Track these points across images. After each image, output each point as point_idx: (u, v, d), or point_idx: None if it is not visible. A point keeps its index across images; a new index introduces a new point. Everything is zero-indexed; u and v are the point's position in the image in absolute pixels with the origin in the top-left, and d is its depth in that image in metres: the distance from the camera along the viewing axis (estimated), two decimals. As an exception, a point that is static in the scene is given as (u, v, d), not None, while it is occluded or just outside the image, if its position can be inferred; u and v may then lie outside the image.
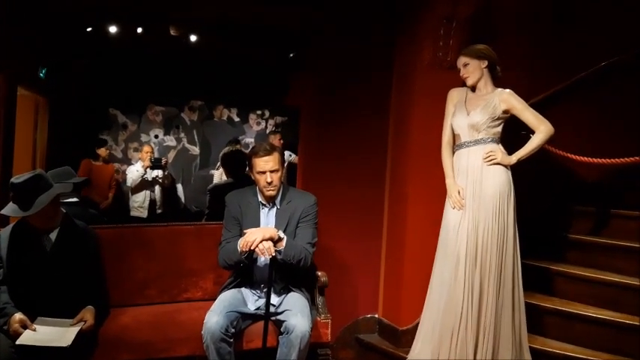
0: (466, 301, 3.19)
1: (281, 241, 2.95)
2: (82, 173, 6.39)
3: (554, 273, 3.69)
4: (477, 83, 3.35)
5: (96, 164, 6.81)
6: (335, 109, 3.96)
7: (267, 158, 3.05)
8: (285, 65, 6.67)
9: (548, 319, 3.47)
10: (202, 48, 6.72)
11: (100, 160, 6.88)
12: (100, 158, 6.89)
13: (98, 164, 6.84)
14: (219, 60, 7.48)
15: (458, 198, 3.28)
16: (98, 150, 6.87)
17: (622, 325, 3.21)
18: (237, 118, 8.70)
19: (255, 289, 3.18)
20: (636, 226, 3.73)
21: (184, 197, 8.38)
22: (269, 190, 3.09)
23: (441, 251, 3.35)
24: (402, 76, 3.91)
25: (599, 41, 4.06)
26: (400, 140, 3.91)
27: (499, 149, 3.29)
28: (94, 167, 6.78)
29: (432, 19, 3.67)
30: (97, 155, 6.88)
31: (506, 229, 3.23)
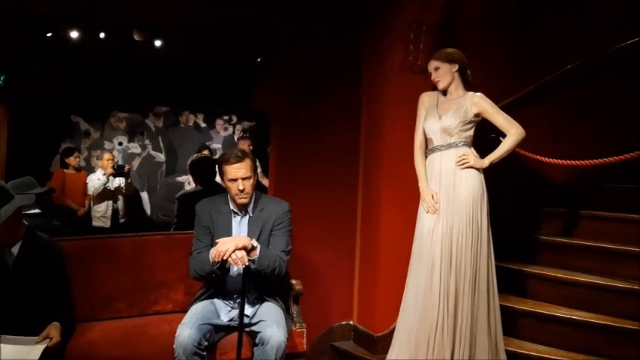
0: (442, 305, 3.18)
1: (254, 250, 2.88)
2: (55, 183, 6.30)
3: (527, 275, 3.71)
4: (448, 87, 3.35)
5: (68, 173, 6.67)
6: (305, 114, 3.91)
7: (239, 165, 2.98)
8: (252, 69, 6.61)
9: (523, 321, 3.49)
10: (167, 53, 6.61)
11: (70, 168, 6.72)
12: (70, 167, 6.73)
13: (70, 173, 6.69)
14: (184, 65, 7.36)
15: (432, 202, 3.27)
16: (67, 159, 6.71)
17: (594, 325, 3.24)
18: (204, 124, 8.58)
19: (228, 300, 3.10)
20: (604, 227, 3.79)
21: (150, 205, 8.22)
22: (241, 197, 3.02)
23: (416, 256, 3.34)
24: (373, 80, 3.89)
25: (565, 45, 4.13)
26: (372, 144, 3.89)
27: (471, 153, 3.30)
28: (67, 176, 6.64)
29: (402, 23, 3.66)
30: (67, 164, 6.73)
31: (480, 232, 3.24)
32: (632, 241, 3.51)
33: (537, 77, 4.13)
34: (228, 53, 6.63)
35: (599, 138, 4.10)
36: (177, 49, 6.59)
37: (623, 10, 4.13)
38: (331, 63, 3.92)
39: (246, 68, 6.90)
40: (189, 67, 7.47)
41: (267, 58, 5.28)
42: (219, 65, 7.36)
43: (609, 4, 4.16)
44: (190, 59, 7.21)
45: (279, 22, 4.01)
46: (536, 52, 4.15)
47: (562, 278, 3.56)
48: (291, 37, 3.92)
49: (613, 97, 4.18)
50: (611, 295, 3.32)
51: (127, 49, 6.54)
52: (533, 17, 4.16)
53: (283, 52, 3.97)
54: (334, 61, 3.92)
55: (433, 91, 3.45)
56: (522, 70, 4.13)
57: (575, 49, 4.16)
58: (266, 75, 4.93)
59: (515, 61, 4.13)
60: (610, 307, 3.29)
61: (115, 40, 6.14)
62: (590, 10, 4.14)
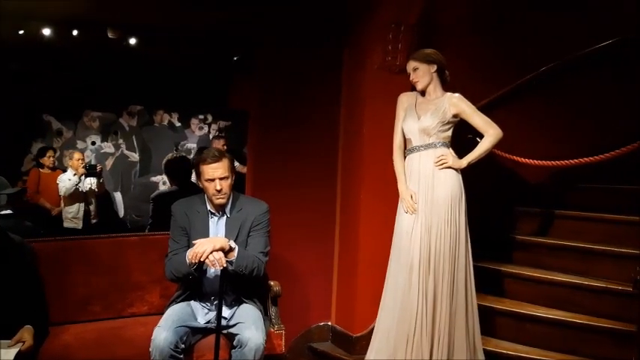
0: (421, 305, 3.18)
1: (232, 252, 2.84)
2: (30, 182, 6.24)
3: (504, 274, 3.74)
4: (427, 88, 3.36)
5: (43, 172, 6.57)
6: (284, 113, 3.88)
7: (216, 165, 2.93)
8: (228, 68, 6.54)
9: (500, 320, 3.51)
10: (142, 51, 6.50)
11: (45, 168, 6.59)
12: (44, 167, 6.60)
13: (46, 172, 6.58)
14: (159, 63, 7.26)
15: (410, 202, 3.27)
16: (41, 159, 6.58)
17: (571, 324, 3.28)
18: (179, 123, 8.48)
19: (205, 302, 3.05)
20: (579, 226, 3.84)
21: (124, 206, 8.09)
22: (218, 198, 2.97)
23: (395, 256, 3.34)
24: (352, 79, 3.88)
25: (543, 45, 4.17)
26: (351, 144, 3.88)
27: (450, 153, 3.31)
28: (42, 175, 6.53)
29: (381, 23, 3.65)
30: (42, 164, 6.60)
31: (458, 233, 3.25)
32: (608, 240, 3.57)
33: (516, 77, 4.16)
34: (204, 52, 6.55)
35: (574, 138, 4.14)
36: (152, 47, 6.49)
37: (598, 11, 4.18)
38: (311, 62, 3.89)
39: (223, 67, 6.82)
40: (164, 66, 7.37)
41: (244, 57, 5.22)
42: (194, 64, 7.28)
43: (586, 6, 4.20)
44: (165, 58, 7.11)
45: (256, 21, 3.97)
46: (515, 53, 4.18)
47: (539, 277, 3.59)
48: (271, 36, 3.89)
49: (587, 98, 4.23)
50: (587, 294, 3.36)
51: (100, 47, 6.42)
52: (512, 18, 4.18)
53: (263, 50, 3.93)
54: (314, 61, 3.90)
55: (412, 92, 3.45)
56: (501, 70, 4.15)
57: (553, 50, 4.19)
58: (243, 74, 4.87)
59: (494, 61, 4.15)
60: (586, 306, 3.33)
61: (88, 38, 6.01)
62: (566, 12, 4.18)
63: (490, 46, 4.14)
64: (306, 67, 3.89)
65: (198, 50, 6.52)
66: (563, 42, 4.20)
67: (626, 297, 3.09)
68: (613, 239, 3.56)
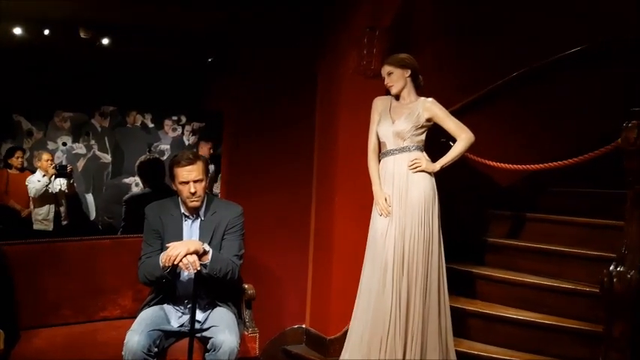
0: (394, 307, 3.21)
1: (206, 255, 2.82)
2: None
3: (477, 276, 3.78)
4: (401, 92, 3.39)
5: (12, 173, 6.47)
6: (260, 116, 3.88)
7: (191, 168, 2.92)
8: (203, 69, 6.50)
9: (472, 321, 3.54)
10: (115, 51, 6.42)
11: (13, 168, 6.47)
12: (13, 167, 6.48)
13: (14, 173, 6.48)
14: (133, 63, 7.18)
15: (385, 205, 3.29)
16: (9, 160, 6.46)
17: (541, 325, 3.32)
18: (152, 124, 8.39)
19: (179, 305, 3.03)
20: (550, 229, 3.90)
21: (95, 207, 7.97)
22: (193, 201, 2.95)
23: (369, 258, 3.36)
24: (328, 83, 3.90)
25: (515, 51, 4.22)
26: (326, 148, 3.89)
27: (423, 157, 3.35)
28: (11, 176, 6.44)
29: (356, 27, 3.68)
30: (10, 164, 6.48)
31: (431, 235, 3.28)
32: (577, 243, 3.63)
33: (489, 82, 4.21)
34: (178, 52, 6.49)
35: (546, 143, 4.21)
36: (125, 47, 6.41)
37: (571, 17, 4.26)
38: (286, 66, 3.90)
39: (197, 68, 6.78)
40: (137, 66, 7.29)
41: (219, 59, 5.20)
42: (168, 64, 7.21)
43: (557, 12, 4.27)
44: (139, 58, 7.04)
45: (231, 23, 3.96)
46: (489, 57, 4.22)
47: (510, 279, 3.63)
48: (244, 39, 3.88)
49: (559, 103, 4.29)
50: (557, 296, 3.41)
51: (72, 46, 6.32)
52: (486, 22, 4.23)
53: (238, 52, 3.93)
54: (289, 64, 3.91)
55: (386, 96, 3.48)
56: (476, 74, 4.20)
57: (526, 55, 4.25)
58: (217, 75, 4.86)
59: (469, 65, 4.19)
60: (556, 307, 3.38)
61: (60, 38, 5.92)
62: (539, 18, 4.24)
63: (464, 50, 4.17)
64: (282, 70, 3.90)
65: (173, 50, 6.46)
66: (537, 47, 4.26)
67: (594, 298, 3.13)
68: (583, 242, 3.62)
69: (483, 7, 4.23)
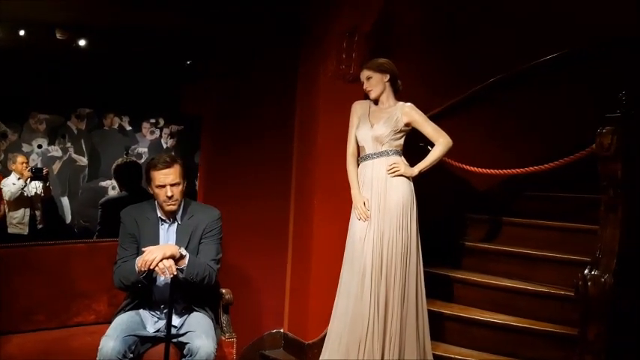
0: (372, 311, 3.22)
1: (183, 259, 2.80)
2: None
3: (453, 280, 3.80)
4: (380, 96, 3.41)
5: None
6: (238, 120, 3.86)
7: (167, 171, 2.89)
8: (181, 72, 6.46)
9: (449, 325, 3.56)
10: (92, 53, 6.34)
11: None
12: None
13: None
14: (110, 66, 7.09)
15: (363, 209, 3.30)
16: None
17: (516, 328, 3.34)
18: (129, 127, 8.30)
19: (155, 310, 3.00)
20: (524, 233, 3.94)
21: (71, 211, 7.86)
22: (169, 204, 2.93)
23: (348, 263, 3.36)
24: (307, 87, 3.90)
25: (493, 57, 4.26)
26: (305, 152, 3.89)
27: (402, 161, 3.37)
28: (-17, 179, 6.28)
29: (335, 31, 3.69)
30: None
31: (409, 239, 3.30)
32: (552, 246, 3.67)
33: (467, 87, 4.25)
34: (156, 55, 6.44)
35: (522, 148, 4.25)
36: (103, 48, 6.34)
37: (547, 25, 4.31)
38: (265, 70, 3.89)
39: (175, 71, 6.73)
40: (115, 68, 7.21)
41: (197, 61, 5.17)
42: (146, 67, 7.15)
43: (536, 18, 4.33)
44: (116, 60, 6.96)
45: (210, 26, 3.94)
46: (467, 63, 4.26)
47: (486, 283, 3.66)
48: (222, 42, 3.86)
49: (534, 109, 4.35)
50: (532, 299, 3.43)
51: (48, 47, 6.23)
52: (465, 28, 4.27)
53: (216, 56, 3.91)
54: (268, 68, 3.90)
55: (365, 100, 3.50)
56: (454, 79, 4.23)
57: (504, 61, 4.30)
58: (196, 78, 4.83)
59: (448, 70, 4.22)
60: (531, 310, 3.41)
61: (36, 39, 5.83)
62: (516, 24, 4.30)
63: (443, 56, 4.20)
64: (261, 74, 3.88)
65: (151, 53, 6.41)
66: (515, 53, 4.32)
67: (568, 301, 3.18)
68: (557, 246, 3.66)
69: (462, 14, 4.27)
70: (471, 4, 4.28)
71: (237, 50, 3.82)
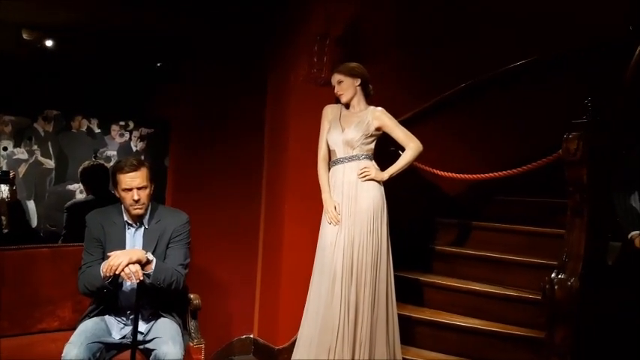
0: (342, 316, 3.21)
1: (149, 264, 2.74)
2: None
3: (424, 284, 3.81)
4: (351, 100, 3.42)
5: None
6: (208, 124, 3.82)
7: (134, 174, 2.83)
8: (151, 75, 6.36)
9: (420, 329, 3.57)
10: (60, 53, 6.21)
11: None
12: None
13: (-49, 180, 6.12)
14: (78, 66, 6.95)
15: (334, 213, 3.30)
16: None
17: (485, 332, 3.37)
18: (98, 129, 8.14)
19: (121, 317, 2.94)
20: (494, 237, 3.97)
21: (37, 215, 7.68)
22: (136, 208, 2.87)
23: (318, 267, 3.35)
24: (278, 91, 3.88)
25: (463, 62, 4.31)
26: (276, 156, 3.87)
27: (373, 165, 3.37)
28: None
29: (307, 35, 3.69)
30: None
31: (380, 244, 3.31)
32: (521, 250, 3.71)
33: (440, 92, 4.28)
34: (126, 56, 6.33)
35: (493, 152, 4.31)
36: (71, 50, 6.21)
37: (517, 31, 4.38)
38: (236, 73, 3.86)
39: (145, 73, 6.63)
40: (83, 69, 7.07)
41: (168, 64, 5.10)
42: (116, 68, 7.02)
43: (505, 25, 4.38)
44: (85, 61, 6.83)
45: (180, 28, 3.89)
46: (440, 67, 4.30)
47: (456, 287, 3.69)
48: (194, 45, 3.82)
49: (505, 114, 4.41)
50: (501, 303, 3.47)
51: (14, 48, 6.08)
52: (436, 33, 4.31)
53: (186, 59, 3.86)
54: (239, 72, 3.87)
55: (337, 104, 3.50)
56: (425, 84, 4.26)
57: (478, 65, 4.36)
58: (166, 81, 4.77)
59: (419, 75, 4.25)
60: (500, 314, 3.44)
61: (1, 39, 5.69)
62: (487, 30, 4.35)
63: (414, 61, 4.23)
64: (231, 77, 3.85)
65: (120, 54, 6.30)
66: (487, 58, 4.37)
67: (536, 305, 3.21)
68: (526, 250, 3.70)
69: (434, 20, 4.31)
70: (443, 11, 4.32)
71: (206, 53, 3.78)
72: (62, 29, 5.71)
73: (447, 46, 4.32)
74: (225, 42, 3.80)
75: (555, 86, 4.32)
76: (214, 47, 3.79)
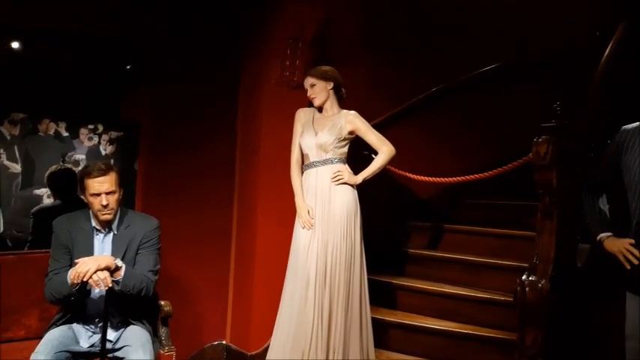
0: (316, 321, 3.20)
1: (118, 271, 2.68)
2: None
3: (397, 287, 3.82)
4: (324, 104, 3.42)
5: None
6: (178, 128, 3.78)
7: (102, 179, 2.77)
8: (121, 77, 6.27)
9: (393, 332, 3.57)
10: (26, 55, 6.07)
11: None
12: None
13: None
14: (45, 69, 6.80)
15: (307, 218, 3.28)
16: None
17: (458, 334, 3.39)
18: (66, 133, 7.98)
19: (89, 325, 2.87)
20: (466, 240, 4.01)
21: (3, 221, 7.49)
22: (104, 214, 2.80)
23: (291, 272, 3.33)
24: (249, 94, 3.85)
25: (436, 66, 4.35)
26: (249, 160, 3.84)
27: (346, 169, 3.37)
28: None
29: (279, 38, 3.68)
30: None
31: (353, 248, 3.31)
32: (492, 253, 3.75)
33: (413, 95, 4.31)
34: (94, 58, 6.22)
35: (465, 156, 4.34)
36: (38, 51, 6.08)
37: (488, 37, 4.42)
38: (208, 74, 3.81)
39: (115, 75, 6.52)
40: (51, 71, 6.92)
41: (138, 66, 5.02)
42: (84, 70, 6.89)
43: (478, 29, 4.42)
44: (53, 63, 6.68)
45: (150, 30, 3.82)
46: (413, 71, 4.33)
47: (429, 290, 3.70)
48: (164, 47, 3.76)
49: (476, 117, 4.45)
50: (473, 305, 3.49)
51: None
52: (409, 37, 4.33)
53: (156, 61, 3.81)
54: (212, 73, 3.82)
55: (309, 107, 3.50)
56: (399, 88, 4.28)
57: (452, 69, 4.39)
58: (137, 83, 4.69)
59: (392, 79, 4.27)
60: (473, 316, 3.46)
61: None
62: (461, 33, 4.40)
63: (387, 64, 4.25)
64: (202, 80, 3.81)
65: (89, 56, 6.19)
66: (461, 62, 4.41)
67: (508, 307, 3.24)
68: (499, 252, 3.74)
69: (406, 23, 4.33)
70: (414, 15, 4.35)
71: (175, 55, 3.73)
72: (29, 30, 5.59)
73: (419, 49, 4.34)
74: (196, 43, 3.76)
75: (528, 90, 4.37)
76: (185, 48, 3.74)
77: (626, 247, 2.44)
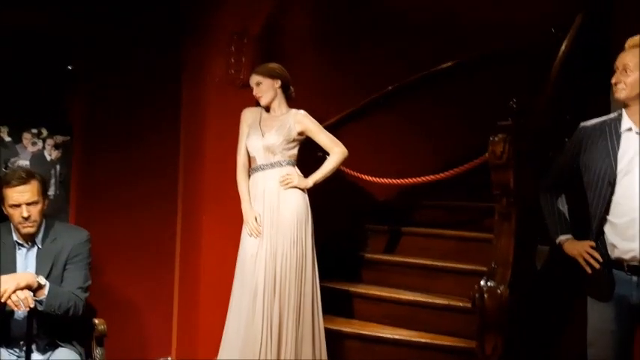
0: (265, 334, 3.04)
1: (42, 289, 2.43)
2: None
3: (353, 294, 3.67)
4: (271, 103, 3.27)
5: None
6: (115, 126, 3.57)
7: (22, 188, 2.53)
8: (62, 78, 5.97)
9: (349, 343, 3.41)
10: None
11: None
12: None
13: None
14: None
15: (255, 225, 3.13)
16: None
17: (415, 344, 3.24)
18: (9, 138, 7.60)
19: (13, 348, 2.62)
20: (423, 243, 3.90)
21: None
22: (26, 226, 2.56)
23: (239, 281, 3.17)
24: (193, 93, 3.67)
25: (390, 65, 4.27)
26: (192, 163, 3.66)
27: (295, 172, 3.23)
28: None
29: (222, 33, 3.50)
30: None
31: (304, 255, 3.16)
32: (449, 256, 3.63)
33: (367, 95, 4.22)
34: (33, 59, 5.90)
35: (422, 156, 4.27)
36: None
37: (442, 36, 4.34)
38: (147, 71, 3.60)
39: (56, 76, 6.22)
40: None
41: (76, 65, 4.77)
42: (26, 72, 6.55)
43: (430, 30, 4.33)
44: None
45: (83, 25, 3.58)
46: (366, 70, 4.22)
47: (386, 297, 3.55)
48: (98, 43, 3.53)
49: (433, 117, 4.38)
50: (431, 312, 3.36)
51: None
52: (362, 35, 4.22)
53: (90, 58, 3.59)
54: (150, 70, 3.60)
55: (256, 107, 3.34)
56: (351, 87, 4.18)
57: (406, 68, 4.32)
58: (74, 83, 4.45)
59: (344, 78, 4.15)
60: (430, 323, 3.33)
61: None
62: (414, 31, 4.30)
63: (339, 63, 4.14)
64: (143, 79, 3.60)
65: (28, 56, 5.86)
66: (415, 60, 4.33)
67: (467, 313, 3.12)
68: (456, 255, 3.63)
69: (359, 20, 4.21)
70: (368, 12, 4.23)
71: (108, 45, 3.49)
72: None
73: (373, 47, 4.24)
74: (133, 38, 3.54)
75: (484, 88, 4.31)
76: (119, 36, 3.50)
77: (587, 251, 2.33)
